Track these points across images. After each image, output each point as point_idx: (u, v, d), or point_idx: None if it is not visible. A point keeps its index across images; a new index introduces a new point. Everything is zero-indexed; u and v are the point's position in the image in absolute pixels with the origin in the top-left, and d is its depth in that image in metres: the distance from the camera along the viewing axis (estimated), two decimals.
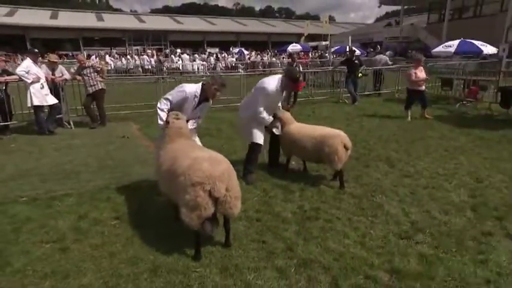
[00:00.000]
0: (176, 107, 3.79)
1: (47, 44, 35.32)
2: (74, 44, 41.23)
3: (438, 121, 7.92)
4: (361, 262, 2.75)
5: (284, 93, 4.60)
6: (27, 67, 6.86)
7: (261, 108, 4.34)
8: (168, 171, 2.96)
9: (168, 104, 3.77)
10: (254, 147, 4.52)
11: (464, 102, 9.65)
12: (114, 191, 4.15)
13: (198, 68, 22.28)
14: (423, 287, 2.47)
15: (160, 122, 3.71)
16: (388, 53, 28.18)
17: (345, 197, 3.99)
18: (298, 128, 4.57)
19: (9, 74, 7.30)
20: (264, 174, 4.67)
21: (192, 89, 3.84)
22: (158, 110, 3.76)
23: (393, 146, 6.04)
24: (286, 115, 4.67)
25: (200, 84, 3.94)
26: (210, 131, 7.14)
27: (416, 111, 8.25)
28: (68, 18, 42.51)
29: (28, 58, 7.18)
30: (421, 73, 8.01)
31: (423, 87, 8.20)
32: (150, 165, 4.90)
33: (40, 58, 8.28)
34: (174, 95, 3.81)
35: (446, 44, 15.48)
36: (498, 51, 14.21)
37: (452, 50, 14.55)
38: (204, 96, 3.89)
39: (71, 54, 34.96)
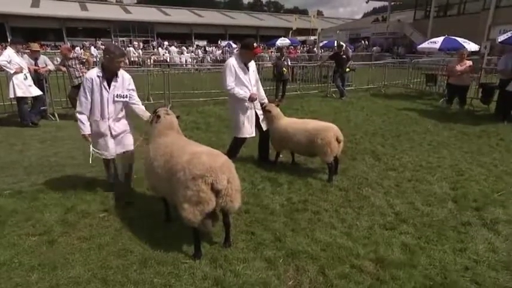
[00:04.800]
0: (95, 102, 3.54)
1: (28, 33, 33.98)
2: (56, 34, 39.90)
3: (422, 116, 8.12)
4: (347, 252, 2.83)
5: (253, 70, 4.50)
6: (8, 56, 6.64)
7: (230, 83, 4.28)
8: (163, 168, 2.82)
9: (83, 103, 3.52)
10: (236, 140, 4.62)
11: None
12: (102, 184, 4.11)
13: (185, 61, 21.99)
14: (406, 275, 2.57)
15: (81, 125, 3.54)
16: (375, 48, 28.61)
17: (332, 189, 4.07)
18: (289, 122, 4.62)
19: None
20: (252, 167, 4.71)
21: (92, 72, 3.54)
22: (77, 114, 3.60)
23: (379, 140, 6.17)
24: (275, 110, 4.69)
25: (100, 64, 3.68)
26: (198, 125, 7.12)
27: (402, 105, 8.39)
28: (50, 7, 41.01)
29: (9, 47, 6.96)
30: (461, 67, 8.21)
31: (463, 83, 8.35)
32: (137, 159, 4.86)
33: (22, 47, 8.00)
34: (82, 91, 3.52)
35: (431, 40, 15.78)
36: (480, 49, 14.58)
37: (437, 46, 14.84)
38: (109, 73, 3.54)
39: (54, 44, 33.84)
